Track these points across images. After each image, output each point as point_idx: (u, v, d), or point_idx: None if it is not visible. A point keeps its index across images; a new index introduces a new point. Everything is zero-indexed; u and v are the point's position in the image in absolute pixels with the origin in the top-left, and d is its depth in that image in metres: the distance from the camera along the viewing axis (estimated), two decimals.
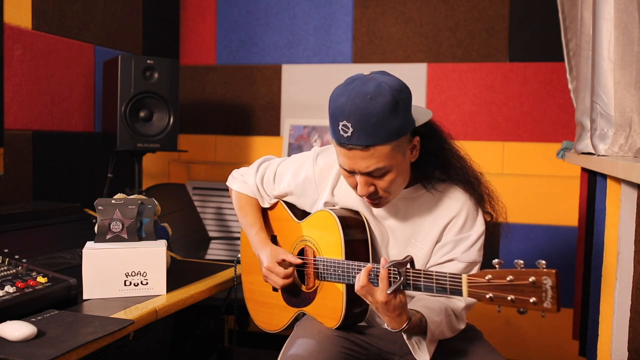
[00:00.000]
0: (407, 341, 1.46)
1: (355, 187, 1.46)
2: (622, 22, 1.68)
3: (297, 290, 1.66)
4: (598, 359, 1.84)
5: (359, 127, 1.33)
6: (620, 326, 1.61)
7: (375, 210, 1.58)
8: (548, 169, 3.03)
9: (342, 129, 1.35)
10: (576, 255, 2.49)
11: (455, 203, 1.52)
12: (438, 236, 1.53)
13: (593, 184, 2.16)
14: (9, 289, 1.47)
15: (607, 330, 1.73)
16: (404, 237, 1.56)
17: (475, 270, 1.51)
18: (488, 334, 1.69)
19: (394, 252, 1.58)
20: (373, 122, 1.32)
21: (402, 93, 1.37)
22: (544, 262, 1.15)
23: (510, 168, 3.10)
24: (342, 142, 1.37)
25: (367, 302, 1.38)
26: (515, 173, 3.08)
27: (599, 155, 1.82)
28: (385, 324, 1.41)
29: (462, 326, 1.53)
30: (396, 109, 1.34)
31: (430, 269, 1.33)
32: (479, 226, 1.52)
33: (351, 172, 1.43)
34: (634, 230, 1.55)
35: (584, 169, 2.36)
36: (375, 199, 1.46)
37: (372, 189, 1.42)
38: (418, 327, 1.41)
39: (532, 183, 3.02)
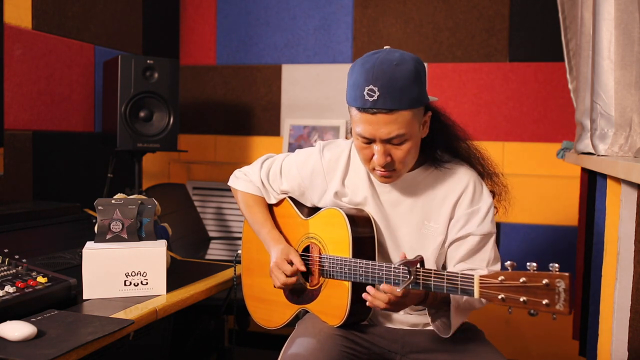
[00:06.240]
0: (432, 324, 1.52)
1: (369, 160, 1.49)
2: (623, 22, 1.68)
3: (300, 287, 1.66)
4: (598, 359, 1.84)
5: (384, 91, 1.38)
6: (620, 326, 1.61)
7: (385, 198, 1.60)
8: (548, 169, 3.03)
9: (367, 93, 1.39)
10: (576, 256, 2.49)
11: (462, 177, 1.57)
12: (450, 213, 1.56)
13: (593, 184, 2.16)
14: (9, 289, 1.47)
15: (607, 330, 1.73)
16: (416, 221, 1.58)
17: (491, 241, 1.56)
18: (488, 334, 1.69)
19: (407, 239, 1.59)
20: (399, 87, 1.39)
21: (421, 65, 1.47)
22: (557, 265, 1.16)
23: (510, 168, 3.10)
24: (366, 107, 1.41)
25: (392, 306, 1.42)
26: (515, 173, 3.08)
27: (599, 155, 1.82)
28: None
29: None
30: (418, 78, 1.43)
31: (441, 270, 1.33)
32: (487, 197, 1.57)
33: (369, 143, 1.46)
34: (634, 230, 1.56)
35: (583, 169, 2.36)
36: (389, 171, 1.48)
37: (389, 159, 1.46)
38: (440, 294, 1.44)
39: (532, 183, 3.02)
